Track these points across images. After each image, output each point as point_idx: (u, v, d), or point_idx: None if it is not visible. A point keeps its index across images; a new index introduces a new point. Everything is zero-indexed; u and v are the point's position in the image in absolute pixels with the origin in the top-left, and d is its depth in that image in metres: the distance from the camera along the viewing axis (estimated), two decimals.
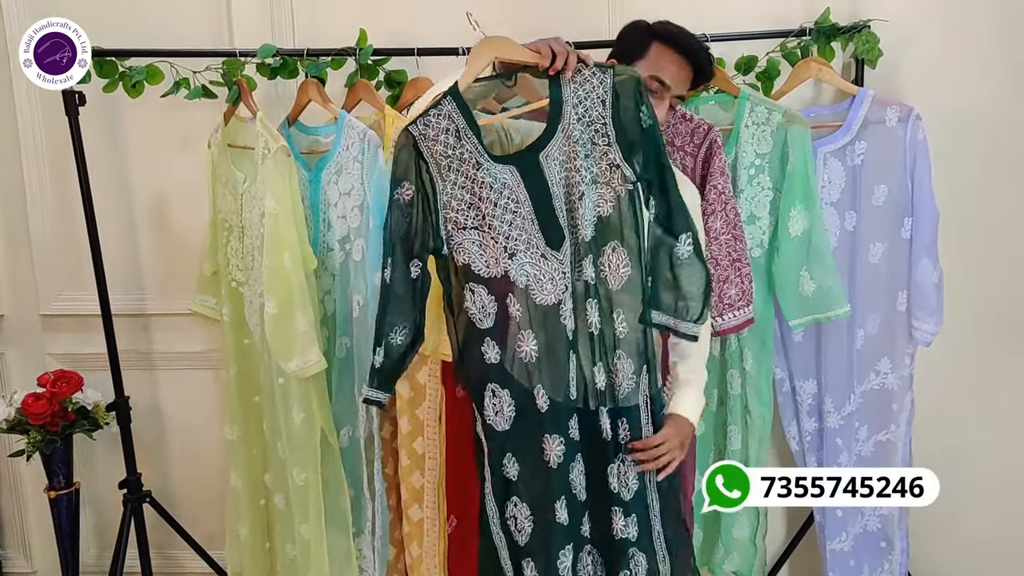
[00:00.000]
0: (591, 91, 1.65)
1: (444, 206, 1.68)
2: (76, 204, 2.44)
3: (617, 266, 1.69)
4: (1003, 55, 2.41)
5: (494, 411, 1.79)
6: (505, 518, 1.81)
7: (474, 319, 1.73)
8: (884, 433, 2.36)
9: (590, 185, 1.67)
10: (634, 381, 1.72)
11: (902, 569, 2.43)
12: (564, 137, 1.65)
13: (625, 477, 1.75)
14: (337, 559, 2.26)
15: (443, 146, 1.65)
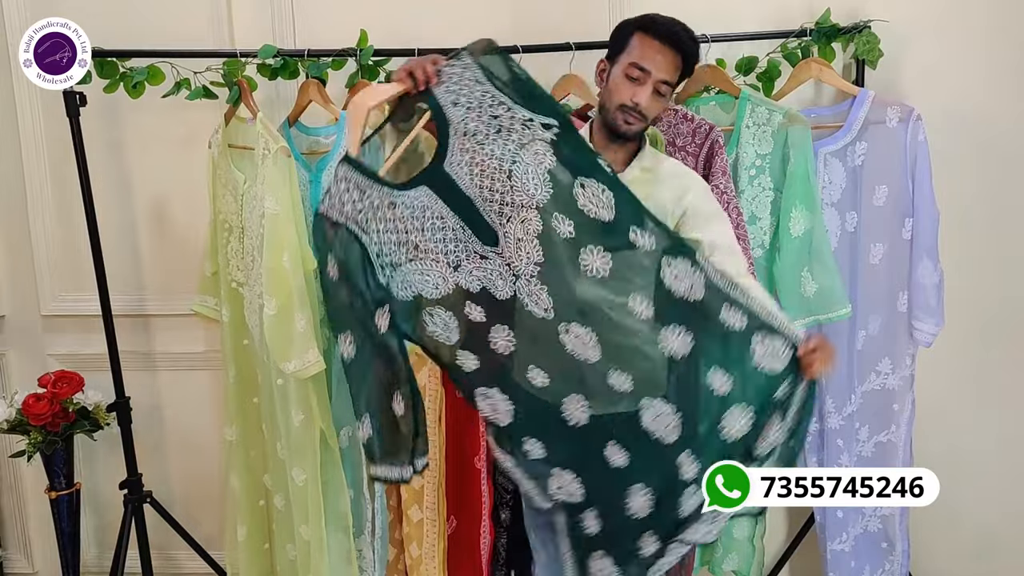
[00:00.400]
0: (460, 79, 1.68)
1: (378, 254, 1.73)
2: (77, 205, 2.44)
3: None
4: (1004, 56, 2.41)
5: (492, 411, 1.82)
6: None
7: (440, 339, 1.79)
8: (885, 433, 2.36)
9: (520, 151, 1.68)
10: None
11: (903, 570, 2.43)
12: (460, 136, 1.69)
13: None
14: (337, 559, 2.26)
15: (351, 206, 1.69)
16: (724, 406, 1.67)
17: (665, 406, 1.71)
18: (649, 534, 1.81)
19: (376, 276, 1.73)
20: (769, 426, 1.65)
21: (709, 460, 1.69)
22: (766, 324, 1.61)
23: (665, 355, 1.69)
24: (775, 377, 1.61)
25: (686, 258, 1.63)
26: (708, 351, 1.66)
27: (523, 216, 1.69)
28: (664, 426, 1.72)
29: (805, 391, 1.62)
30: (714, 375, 1.66)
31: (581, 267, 1.67)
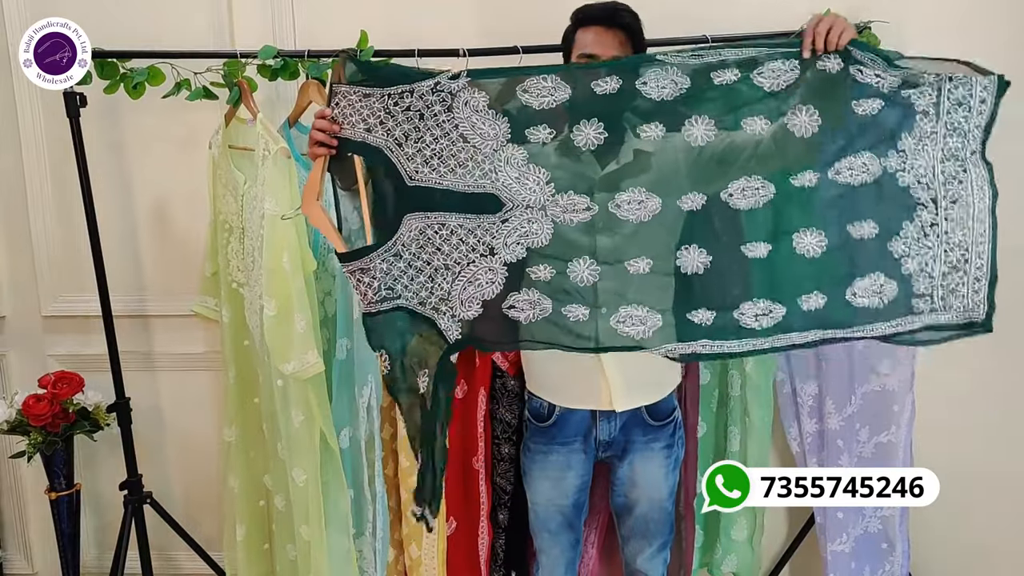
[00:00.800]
0: (352, 108, 1.70)
1: (422, 303, 1.79)
2: (77, 205, 2.45)
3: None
4: (1005, 56, 2.39)
5: (643, 326, 1.78)
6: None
7: (537, 317, 1.79)
8: (885, 434, 2.36)
9: (452, 112, 1.72)
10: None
11: (903, 571, 2.42)
12: (397, 149, 1.73)
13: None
14: (337, 560, 2.25)
15: (375, 289, 1.77)
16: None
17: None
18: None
19: (436, 327, 1.77)
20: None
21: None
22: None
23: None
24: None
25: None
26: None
27: (502, 157, 1.71)
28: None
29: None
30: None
31: (575, 143, 1.70)
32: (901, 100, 1.71)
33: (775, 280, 1.74)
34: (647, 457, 2.01)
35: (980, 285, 1.77)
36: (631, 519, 2.07)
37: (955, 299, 1.77)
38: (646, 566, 2.09)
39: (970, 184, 1.74)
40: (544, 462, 2.01)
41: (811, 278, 1.73)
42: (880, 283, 1.74)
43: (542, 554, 2.09)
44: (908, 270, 1.74)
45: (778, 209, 1.72)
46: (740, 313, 1.74)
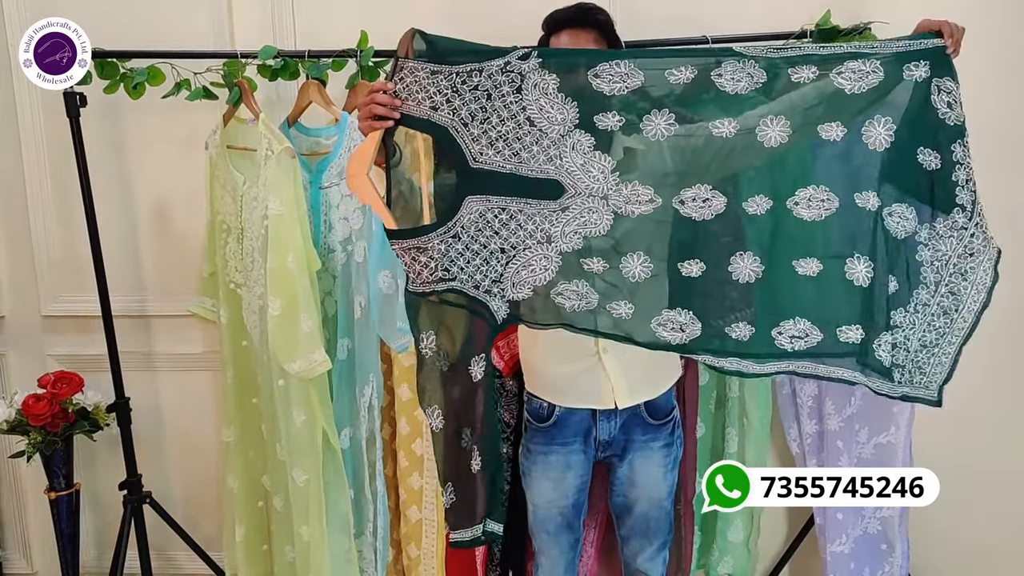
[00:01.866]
0: (418, 84, 1.66)
1: (476, 286, 1.76)
2: (77, 205, 2.45)
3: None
4: (1005, 56, 2.41)
5: (680, 330, 1.76)
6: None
7: (583, 308, 1.77)
8: (884, 435, 2.36)
9: (520, 94, 1.69)
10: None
11: (902, 572, 2.42)
12: (463, 130, 1.70)
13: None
14: (338, 560, 2.26)
15: (428, 268, 1.74)
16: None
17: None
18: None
19: (488, 309, 1.74)
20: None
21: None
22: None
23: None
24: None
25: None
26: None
27: (568, 143, 1.68)
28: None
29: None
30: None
31: (644, 133, 1.66)
32: (957, 179, 1.69)
33: (821, 302, 1.72)
34: (646, 456, 2.01)
35: (942, 370, 1.77)
36: (631, 519, 2.07)
37: (919, 375, 1.77)
38: (646, 566, 2.09)
39: (973, 285, 1.74)
40: (544, 463, 2.01)
41: (854, 310, 1.72)
42: (890, 343, 1.74)
43: (541, 555, 2.09)
44: (896, 339, 1.74)
45: (838, 227, 1.69)
46: (778, 332, 1.72)
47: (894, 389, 1.77)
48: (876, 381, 1.76)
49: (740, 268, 1.70)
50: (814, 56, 1.65)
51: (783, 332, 1.72)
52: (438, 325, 1.75)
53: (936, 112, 1.65)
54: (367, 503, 2.29)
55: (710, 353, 1.74)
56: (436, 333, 1.75)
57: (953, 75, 1.66)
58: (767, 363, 1.75)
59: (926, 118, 1.66)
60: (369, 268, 2.13)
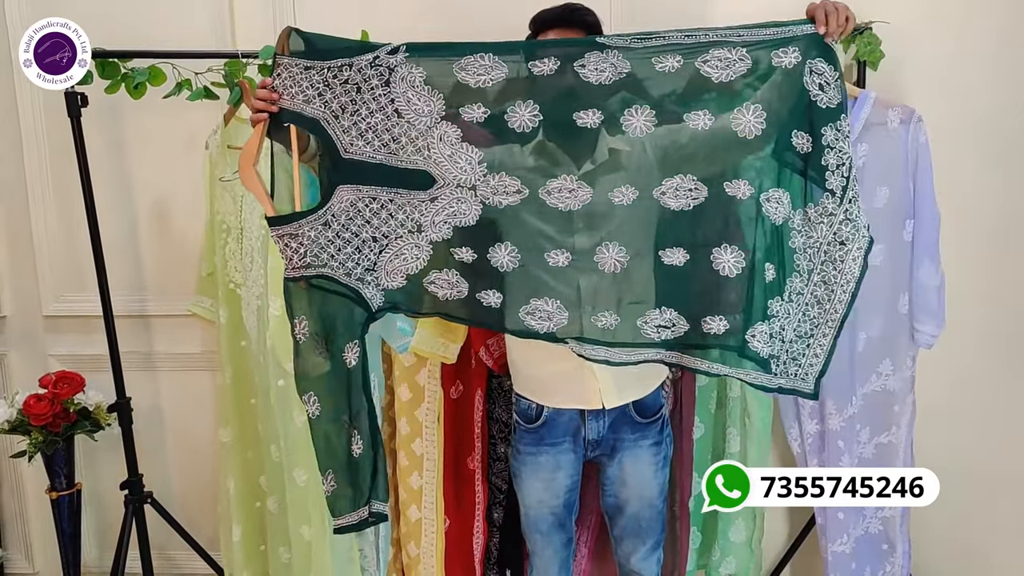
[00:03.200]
0: (293, 80, 1.74)
1: (348, 274, 1.79)
2: (78, 205, 2.45)
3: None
4: (1006, 56, 2.41)
5: (548, 319, 1.79)
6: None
7: (455, 296, 1.81)
8: (886, 435, 2.36)
9: (389, 86, 1.73)
10: None
11: (904, 572, 2.42)
12: (334, 121, 1.75)
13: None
14: (339, 560, 2.26)
15: (301, 255, 1.77)
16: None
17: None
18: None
19: (361, 297, 1.77)
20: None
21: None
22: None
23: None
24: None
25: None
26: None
27: (435, 134, 1.71)
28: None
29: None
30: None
31: (509, 124, 1.69)
32: (827, 163, 1.68)
33: (687, 293, 1.74)
34: (636, 455, 2.01)
35: (818, 361, 1.76)
36: (623, 519, 2.06)
37: (794, 366, 1.76)
38: (640, 566, 2.08)
39: (842, 274, 1.72)
40: (534, 464, 2.01)
41: (720, 301, 1.73)
42: (767, 333, 1.73)
43: (535, 556, 2.09)
44: (772, 328, 1.74)
45: (707, 216, 1.71)
46: (644, 321, 1.75)
47: (771, 381, 1.76)
48: (751, 373, 1.76)
49: (606, 258, 1.73)
50: (679, 45, 1.65)
51: (649, 322, 1.75)
52: (311, 311, 1.77)
53: (808, 95, 1.66)
54: None
55: (578, 341, 1.77)
56: (308, 319, 1.76)
57: (827, 57, 1.65)
58: (633, 352, 1.77)
59: (798, 102, 1.66)
60: None
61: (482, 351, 2.20)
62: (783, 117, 1.66)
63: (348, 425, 1.81)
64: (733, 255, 1.70)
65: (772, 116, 1.65)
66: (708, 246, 1.71)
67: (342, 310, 1.77)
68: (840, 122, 1.66)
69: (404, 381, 2.27)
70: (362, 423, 1.81)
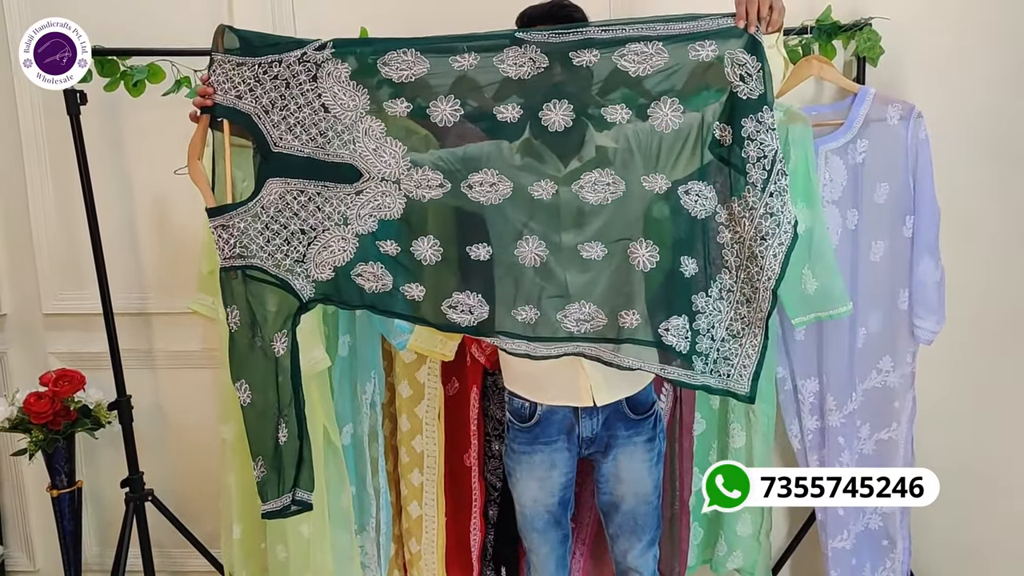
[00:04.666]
0: (226, 76, 1.76)
1: (276, 265, 1.82)
2: (78, 203, 2.44)
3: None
4: (1005, 52, 2.40)
5: (469, 313, 1.83)
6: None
7: (382, 288, 1.83)
8: (886, 431, 2.36)
9: (316, 82, 1.76)
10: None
11: (904, 568, 2.43)
12: (264, 116, 1.78)
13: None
14: (340, 556, 2.26)
15: (233, 246, 1.80)
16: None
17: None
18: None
19: (290, 287, 1.79)
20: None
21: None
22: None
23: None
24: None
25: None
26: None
27: (361, 128, 1.74)
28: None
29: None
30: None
31: (431, 119, 1.72)
32: (747, 155, 1.67)
33: (605, 286, 1.76)
34: (630, 452, 2.01)
35: (750, 361, 1.76)
36: (618, 516, 2.06)
37: (725, 366, 1.77)
38: (636, 563, 2.08)
39: (763, 271, 1.69)
40: (529, 462, 2.01)
41: (634, 294, 1.75)
42: (686, 328, 1.74)
43: (531, 554, 2.09)
44: (699, 325, 1.75)
45: (624, 210, 1.73)
46: (564, 315, 1.77)
47: (692, 378, 1.78)
48: (666, 368, 1.78)
49: (525, 252, 1.76)
50: (596, 40, 1.66)
51: (568, 315, 1.77)
52: (241, 301, 1.79)
53: (730, 86, 1.66)
54: (369, 499, 2.30)
55: (500, 335, 1.80)
56: (239, 308, 1.79)
57: (750, 48, 1.63)
58: (554, 346, 1.79)
59: (718, 94, 1.67)
60: None
61: (474, 347, 2.21)
62: (702, 109, 1.68)
63: (277, 414, 1.83)
64: (648, 250, 1.73)
65: (690, 109, 1.67)
66: (625, 240, 1.74)
67: (271, 301, 1.80)
68: (762, 113, 1.65)
69: (404, 378, 2.27)
70: (290, 412, 1.84)
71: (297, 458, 1.85)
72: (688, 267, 1.74)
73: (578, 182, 1.72)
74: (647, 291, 1.75)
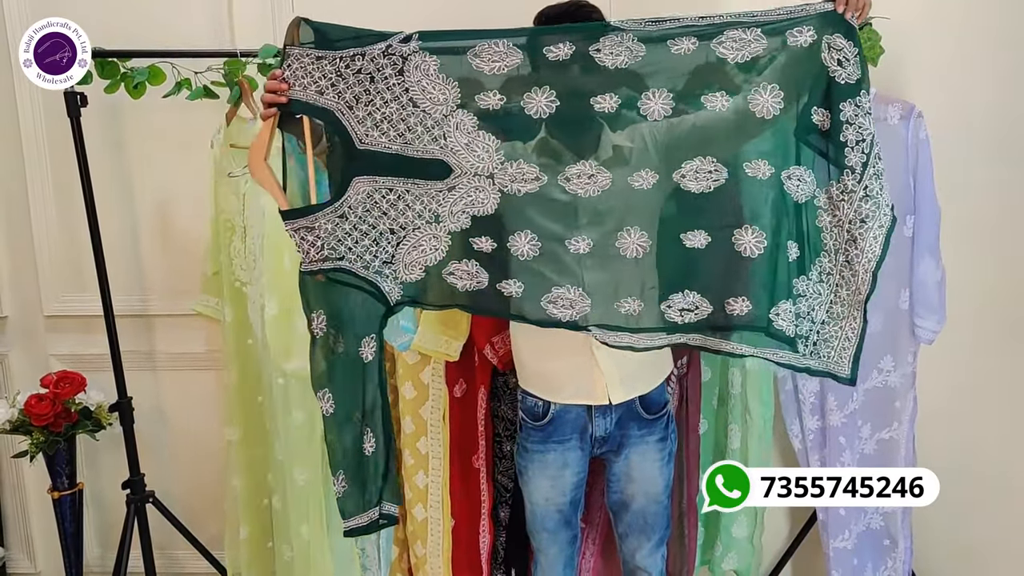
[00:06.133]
0: (304, 70, 1.70)
1: (365, 267, 1.78)
2: (79, 205, 2.44)
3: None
4: (1006, 52, 2.41)
5: (571, 307, 1.79)
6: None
7: (473, 287, 1.80)
8: (887, 431, 2.36)
9: (403, 76, 1.72)
10: None
11: (906, 567, 2.42)
12: (348, 112, 1.72)
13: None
14: (340, 559, 2.26)
15: (319, 248, 1.77)
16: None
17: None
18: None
19: (379, 290, 1.76)
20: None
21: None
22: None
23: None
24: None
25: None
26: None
27: (451, 123, 1.70)
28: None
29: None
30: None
31: (525, 111, 1.68)
32: (846, 139, 1.66)
33: (710, 275, 1.74)
34: (642, 451, 2.01)
35: (850, 344, 1.74)
36: (628, 515, 2.07)
37: (825, 348, 1.76)
38: (645, 562, 2.08)
39: (863, 253, 1.69)
40: (541, 461, 2.00)
41: (742, 281, 1.73)
42: (792, 311, 1.73)
43: (540, 554, 2.09)
44: (800, 308, 1.74)
45: (727, 197, 1.70)
46: (667, 305, 1.75)
47: (799, 360, 1.76)
48: (778, 353, 1.76)
49: (627, 243, 1.73)
50: (693, 28, 1.64)
51: (672, 305, 1.75)
52: (328, 305, 1.76)
53: (827, 71, 1.64)
54: None
55: (601, 328, 1.77)
56: (326, 313, 1.75)
57: (846, 32, 1.63)
58: (657, 337, 1.77)
59: (817, 79, 1.65)
60: None
61: (487, 348, 2.20)
62: (801, 95, 1.66)
63: (361, 423, 1.80)
64: (754, 235, 1.70)
65: (789, 94, 1.65)
66: (729, 227, 1.71)
67: (359, 304, 1.77)
68: (860, 98, 1.64)
69: (408, 379, 2.26)
70: (376, 421, 1.80)
71: (384, 470, 1.82)
72: (792, 251, 1.72)
73: (679, 171, 1.69)
74: (755, 277, 1.72)
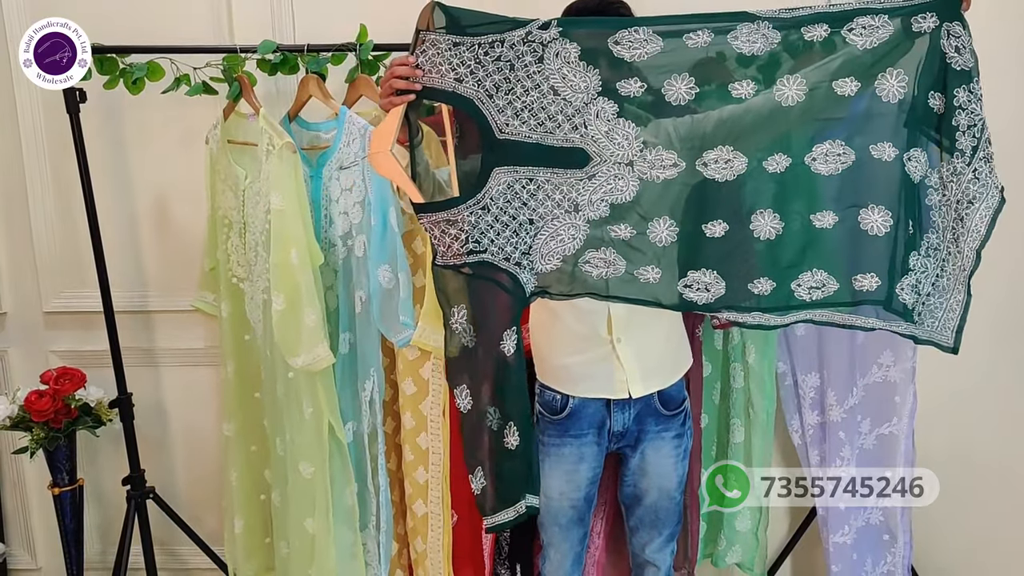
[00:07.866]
0: (441, 56, 1.66)
1: (506, 259, 1.77)
2: (78, 201, 2.44)
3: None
4: (1005, 52, 2.40)
5: (705, 290, 1.80)
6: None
7: (611, 274, 1.80)
8: (887, 426, 2.36)
9: (543, 64, 1.68)
10: None
11: (905, 562, 2.43)
12: (488, 101, 1.69)
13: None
14: (343, 553, 2.26)
15: (452, 242, 1.76)
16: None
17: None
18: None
19: (518, 281, 1.76)
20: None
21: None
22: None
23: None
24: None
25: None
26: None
27: (592, 111, 1.69)
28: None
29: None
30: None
31: (666, 97, 1.68)
32: (958, 124, 1.69)
33: (837, 253, 1.75)
34: (658, 447, 2.02)
35: (954, 315, 1.76)
36: (640, 509, 2.07)
37: (930, 319, 1.77)
38: (654, 556, 2.09)
39: (969, 231, 1.72)
40: (557, 455, 2.01)
41: (869, 258, 1.75)
42: (910, 285, 1.75)
43: (550, 548, 2.10)
44: (912, 282, 1.75)
45: (854, 179, 1.72)
46: (797, 284, 1.76)
47: (907, 329, 1.78)
48: (897, 324, 1.78)
49: (761, 225, 1.73)
50: (825, 15, 1.66)
51: (801, 284, 1.75)
52: (468, 299, 1.76)
53: (944, 57, 1.66)
54: (370, 497, 2.30)
55: (734, 310, 1.78)
56: (467, 307, 1.76)
57: (962, 20, 1.66)
58: (787, 315, 1.79)
59: (935, 64, 1.67)
60: (369, 263, 2.12)
61: None
62: (922, 80, 1.68)
63: (502, 418, 1.79)
64: (881, 215, 1.72)
65: (912, 79, 1.68)
66: (856, 207, 1.73)
67: (497, 296, 1.77)
68: (972, 84, 1.67)
69: (408, 375, 2.27)
70: (518, 415, 1.79)
71: (527, 464, 1.81)
72: (911, 228, 1.74)
73: (810, 154, 1.71)
74: (883, 254, 1.74)
